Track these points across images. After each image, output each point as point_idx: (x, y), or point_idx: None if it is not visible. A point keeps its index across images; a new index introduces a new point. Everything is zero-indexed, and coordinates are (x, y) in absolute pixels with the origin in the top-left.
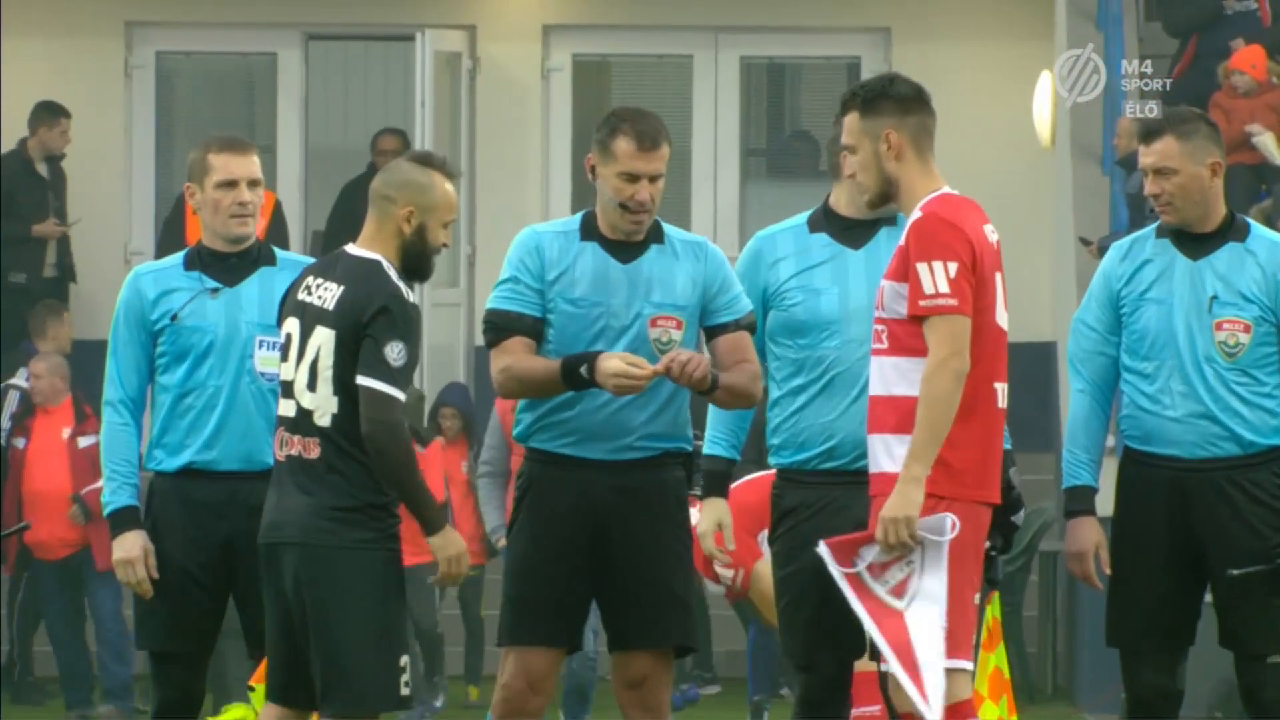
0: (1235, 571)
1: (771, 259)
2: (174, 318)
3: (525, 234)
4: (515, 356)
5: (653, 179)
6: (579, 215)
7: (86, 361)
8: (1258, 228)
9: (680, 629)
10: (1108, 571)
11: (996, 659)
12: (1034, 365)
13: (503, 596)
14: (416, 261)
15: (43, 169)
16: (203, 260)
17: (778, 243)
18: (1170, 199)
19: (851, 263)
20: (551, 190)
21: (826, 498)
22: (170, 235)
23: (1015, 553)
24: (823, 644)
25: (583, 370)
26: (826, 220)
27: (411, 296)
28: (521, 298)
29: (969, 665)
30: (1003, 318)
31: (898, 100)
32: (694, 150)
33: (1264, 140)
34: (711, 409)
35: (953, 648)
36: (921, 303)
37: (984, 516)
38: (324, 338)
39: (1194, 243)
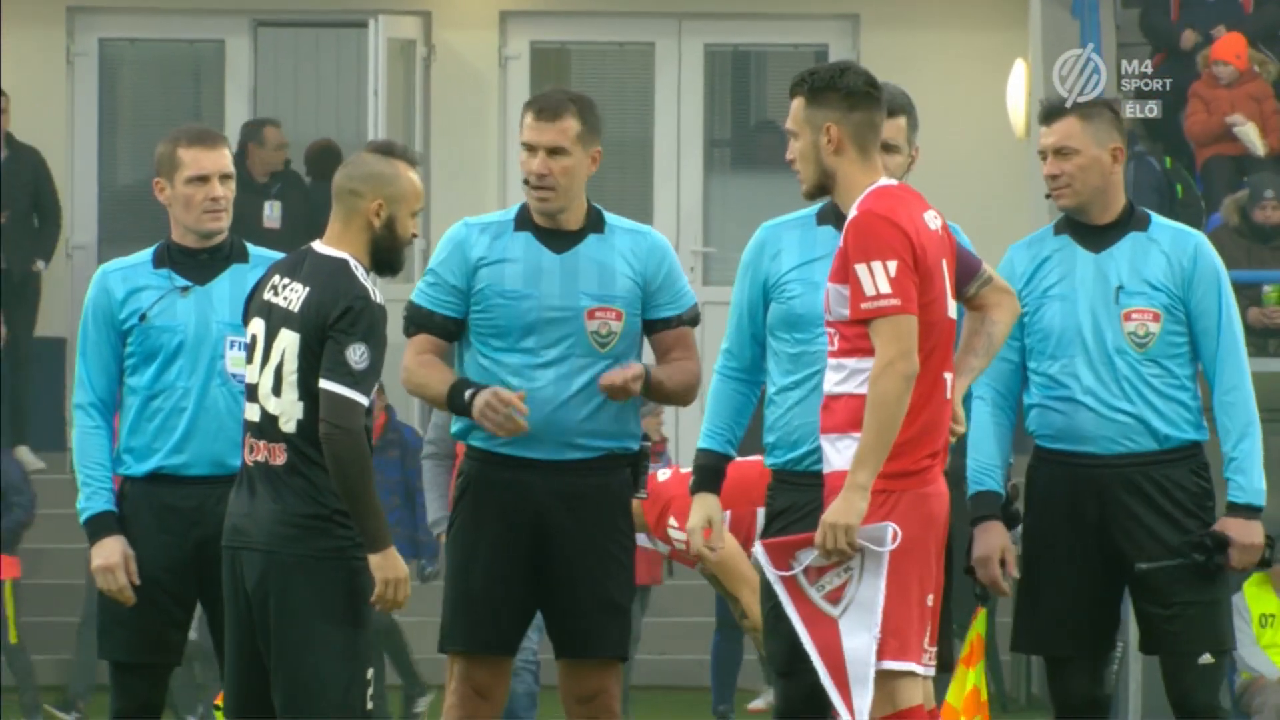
0: (1143, 565)
1: (774, 250)
2: (143, 317)
3: (455, 227)
4: (416, 360)
5: (551, 152)
6: (517, 205)
7: None
8: (1158, 218)
9: (619, 639)
10: (1015, 575)
11: (976, 677)
12: None
13: (444, 599)
14: (387, 255)
15: None
16: (172, 257)
17: (782, 234)
18: (1070, 180)
19: None
20: (509, 182)
21: (817, 500)
22: None
23: None
24: (806, 651)
25: (467, 395)
26: (834, 213)
27: (379, 297)
28: (437, 295)
29: (920, 669)
30: (952, 307)
31: (845, 93)
32: (656, 141)
33: (1245, 130)
34: (709, 401)
35: (900, 649)
36: (863, 305)
37: (933, 507)
38: (289, 341)
39: (1094, 235)
